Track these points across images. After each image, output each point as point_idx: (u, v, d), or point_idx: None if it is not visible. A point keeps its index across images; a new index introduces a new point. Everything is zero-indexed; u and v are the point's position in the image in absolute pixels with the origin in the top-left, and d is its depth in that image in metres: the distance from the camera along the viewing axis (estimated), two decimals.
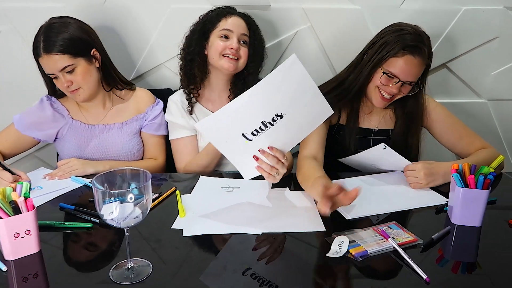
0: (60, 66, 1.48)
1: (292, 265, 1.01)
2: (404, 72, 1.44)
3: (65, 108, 1.67)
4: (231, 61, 1.59)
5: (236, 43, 1.58)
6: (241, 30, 1.60)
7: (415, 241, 1.07)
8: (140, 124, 1.69)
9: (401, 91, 1.49)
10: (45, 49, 1.47)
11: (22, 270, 0.99)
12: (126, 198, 0.88)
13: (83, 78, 1.53)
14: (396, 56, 1.44)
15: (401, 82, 1.45)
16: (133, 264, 0.98)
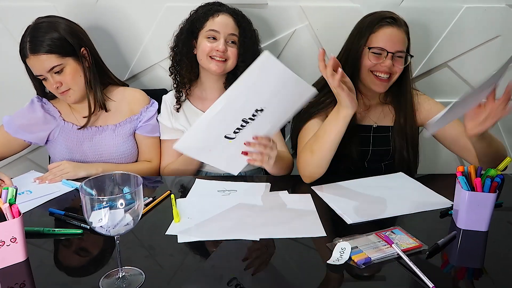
0: (48, 66, 1.43)
1: (291, 273, 0.96)
2: (388, 41, 1.44)
3: (57, 109, 1.61)
4: (218, 63, 1.55)
5: (223, 45, 1.53)
6: (229, 29, 1.54)
7: (420, 247, 1.02)
8: (134, 125, 1.64)
9: (394, 65, 1.45)
10: (31, 49, 1.42)
11: (7, 280, 0.94)
12: (116, 204, 0.84)
13: (72, 78, 1.48)
14: (375, 32, 1.45)
15: (390, 54, 1.43)
16: (125, 273, 0.93)
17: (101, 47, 1.63)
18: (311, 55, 1.91)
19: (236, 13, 1.58)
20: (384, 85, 1.48)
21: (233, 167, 1.26)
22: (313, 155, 1.33)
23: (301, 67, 1.93)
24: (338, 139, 1.31)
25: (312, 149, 1.34)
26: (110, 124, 1.62)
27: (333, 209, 1.21)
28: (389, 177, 1.42)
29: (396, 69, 1.46)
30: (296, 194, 1.31)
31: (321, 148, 1.32)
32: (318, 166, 1.34)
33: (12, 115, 1.60)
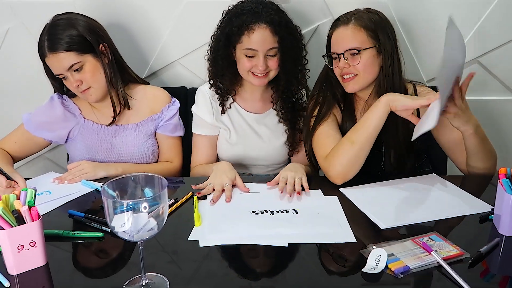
0: (67, 64, 1.40)
1: (323, 281, 0.91)
2: (336, 45, 1.40)
3: (77, 107, 1.58)
4: (260, 79, 1.48)
5: (262, 63, 1.43)
6: (267, 45, 1.43)
7: (461, 254, 0.95)
8: (155, 125, 1.59)
9: (351, 64, 1.37)
10: (50, 48, 1.39)
11: (27, 285, 0.90)
12: (139, 207, 0.79)
13: (92, 75, 1.44)
14: (330, 38, 1.44)
15: (341, 55, 1.37)
16: (148, 280, 0.88)
17: (119, 44, 1.59)
18: None
19: (272, 20, 1.42)
20: (350, 84, 1.40)
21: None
22: (353, 145, 1.29)
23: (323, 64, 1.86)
24: (379, 127, 1.29)
25: (352, 140, 1.30)
26: (131, 123, 1.58)
27: (365, 213, 1.15)
28: (420, 178, 1.34)
29: (356, 67, 1.37)
30: (323, 197, 1.25)
31: (361, 137, 1.29)
32: (356, 158, 1.29)
33: (32, 113, 1.57)
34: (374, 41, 1.37)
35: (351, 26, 1.37)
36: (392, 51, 1.38)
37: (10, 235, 0.89)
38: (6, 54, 1.85)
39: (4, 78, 1.89)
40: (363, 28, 1.37)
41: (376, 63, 1.39)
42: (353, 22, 1.38)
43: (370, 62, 1.37)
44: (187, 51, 1.84)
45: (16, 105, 1.91)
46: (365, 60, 1.36)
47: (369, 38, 1.36)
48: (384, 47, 1.37)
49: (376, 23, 1.38)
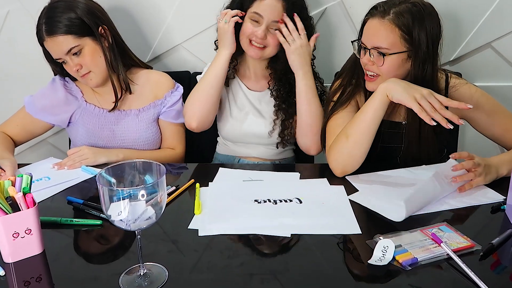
0: (66, 48, 1.36)
1: (327, 273, 0.87)
2: (366, 37, 1.27)
3: (79, 89, 1.54)
4: (255, 49, 1.44)
5: (262, 32, 1.40)
6: (273, 16, 1.39)
7: (472, 246, 0.91)
8: (158, 111, 1.55)
9: (375, 63, 1.26)
10: (47, 31, 1.35)
11: (23, 274, 0.88)
12: (137, 195, 0.76)
13: (92, 59, 1.40)
14: (363, 25, 1.29)
15: (367, 50, 1.26)
16: (146, 270, 0.85)
17: (121, 28, 1.54)
18: (342, 35, 1.78)
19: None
20: (371, 83, 1.31)
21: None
22: (348, 139, 1.22)
23: (332, 48, 1.81)
24: (377, 118, 1.21)
25: (347, 133, 1.23)
26: (133, 108, 1.54)
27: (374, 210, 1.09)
28: (431, 167, 1.29)
29: (379, 69, 1.26)
30: (328, 186, 1.21)
31: (356, 131, 1.22)
32: (352, 153, 1.23)
33: (33, 95, 1.54)
34: (407, 44, 1.22)
35: (387, 21, 1.22)
36: (426, 57, 1.24)
37: (4, 222, 0.87)
38: (6, 36, 1.82)
39: (5, 61, 1.86)
40: (399, 27, 1.21)
41: (404, 67, 1.27)
42: (390, 17, 1.22)
43: (396, 67, 1.25)
44: (190, 35, 1.80)
45: (17, 88, 1.89)
46: (390, 63, 1.24)
47: (402, 40, 1.22)
48: (416, 52, 1.23)
49: (417, 21, 1.21)
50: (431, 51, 1.24)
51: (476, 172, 1.15)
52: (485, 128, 1.37)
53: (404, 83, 1.19)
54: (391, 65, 1.25)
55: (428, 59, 1.24)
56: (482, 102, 1.34)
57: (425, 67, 1.25)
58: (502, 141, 1.37)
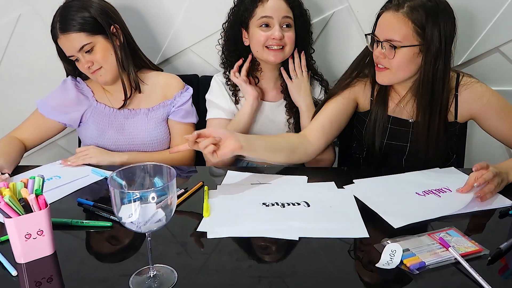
0: (78, 45, 1.40)
1: (335, 277, 0.88)
2: (378, 29, 1.28)
3: (90, 89, 1.57)
4: (276, 53, 1.46)
5: (279, 31, 1.42)
6: (282, 12, 1.43)
7: (480, 251, 0.91)
8: (167, 110, 1.57)
9: (386, 56, 1.26)
10: (61, 29, 1.39)
11: (35, 274, 0.89)
12: (147, 197, 0.77)
13: (103, 56, 1.43)
14: (377, 18, 1.31)
15: (379, 42, 1.26)
16: (156, 271, 0.86)
17: (131, 30, 1.56)
18: (350, 40, 1.79)
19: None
20: (380, 75, 1.31)
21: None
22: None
23: (340, 53, 1.82)
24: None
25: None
26: (143, 108, 1.56)
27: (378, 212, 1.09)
28: (438, 171, 1.30)
29: (389, 61, 1.27)
30: (336, 189, 1.21)
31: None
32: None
33: (45, 97, 1.57)
34: (420, 38, 1.22)
35: (400, 14, 1.22)
36: (438, 53, 1.23)
37: (17, 223, 0.88)
38: (18, 39, 1.84)
39: (16, 64, 1.89)
40: (412, 21, 1.21)
41: (415, 62, 1.26)
42: (404, 10, 1.22)
43: (406, 61, 1.25)
44: (199, 38, 1.81)
45: (28, 91, 1.91)
46: (401, 56, 1.24)
47: (415, 34, 1.22)
48: (428, 47, 1.22)
49: (431, 16, 1.21)
50: (443, 48, 1.23)
51: (493, 182, 1.13)
52: (494, 128, 1.36)
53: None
54: (402, 58, 1.25)
55: (440, 56, 1.24)
56: (492, 102, 1.33)
57: (436, 63, 1.24)
58: (510, 142, 1.36)
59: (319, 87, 1.61)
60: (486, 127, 1.37)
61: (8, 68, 1.89)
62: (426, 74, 1.26)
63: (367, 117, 1.42)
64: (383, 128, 1.39)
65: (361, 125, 1.45)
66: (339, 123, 1.41)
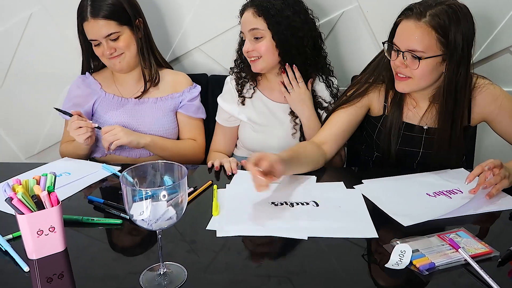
0: (106, 32, 1.45)
1: (343, 277, 0.88)
2: (399, 38, 1.24)
3: (97, 81, 1.61)
4: (253, 63, 1.48)
5: (248, 45, 1.45)
6: (248, 25, 1.44)
7: (490, 252, 0.91)
8: (175, 102, 1.60)
9: (408, 66, 1.23)
10: (92, 13, 1.43)
11: (46, 270, 0.90)
12: (158, 195, 0.78)
13: (126, 45, 1.50)
14: (396, 26, 1.26)
15: (401, 52, 1.23)
16: (166, 269, 0.87)
17: None
18: (359, 39, 1.79)
19: (259, 2, 1.42)
20: (401, 84, 1.28)
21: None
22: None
23: (350, 53, 1.81)
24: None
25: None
26: (151, 97, 1.60)
27: (386, 212, 1.09)
28: (449, 172, 1.29)
29: (412, 71, 1.23)
30: (345, 189, 1.21)
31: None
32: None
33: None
34: (443, 47, 1.20)
35: (423, 24, 1.19)
36: (461, 60, 1.21)
37: (29, 220, 0.89)
38: (29, 38, 1.86)
39: (27, 62, 1.90)
40: (435, 30, 1.19)
41: (438, 71, 1.25)
42: (426, 19, 1.19)
43: (430, 70, 1.23)
44: (208, 38, 1.82)
45: (38, 88, 1.93)
46: (425, 67, 1.22)
47: (438, 43, 1.20)
48: (452, 55, 1.20)
49: (454, 23, 1.19)
50: (465, 53, 1.22)
51: (500, 173, 1.11)
52: (505, 130, 1.36)
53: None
54: (425, 69, 1.23)
55: (463, 62, 1.23)
56: (505, 104, 1.33)
57: (459, 70, 1.23)
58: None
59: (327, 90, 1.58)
60: (498, 129, 1.37)
61: (19, 66, 1.91)
62: (450, 82, 1.24)
63: (379, 121, 1.42)
64: (398, 134, 1.38)
65: (372, 129, 1.45)
66: (351, 130, 1.42)
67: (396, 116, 1.37)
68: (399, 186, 1.22)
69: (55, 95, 1.87)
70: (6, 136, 2.05)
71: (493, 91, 1.34)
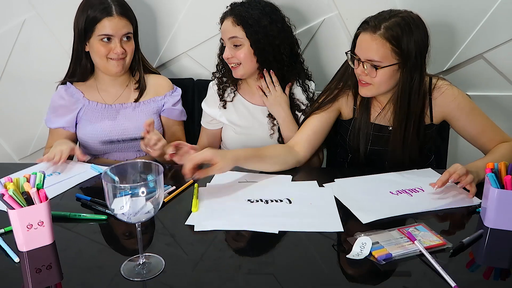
0: (125, 31, 1.55)
1: (309, 266, 0.96)
2: (358, 49, 1.35)
3: (79, 90, 1.66)
4: (234, 70, 1.57)
5: (227, 52, 1.54)
6: (228, 34, 1.52)
7: (444, 244, 0.99)
8: (158, 106, 1.68)
9: (368, 74, 1.34)
10: (118, 12, 1.53)
11: (35, 262, 0.98)
12: (138, 192, 0.85)
13: (132, 49, 1.59)
14: (357, 36, 1.37)
15: (361, 62, 1.34)
16: (145, 260, 0.95)
17: None
18: (339, 45, 1.87)
19: (238, 12, 1.50)
20: (363, 89, 1.39)
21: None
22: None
23: (331, 57, 1.89)
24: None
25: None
26: (133, 102, 1.67)
27: (349, 208, 1.17)
28: (414, 173, 1.37)
29: (371, 79, 1.35)
30: (318, 188, 1.29)
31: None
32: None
33: (47, 113, 1.67)
34: (398, 56, 1.31)
35: (378, 36, 1.30)
36: (415, 67, 1.33)
37: (19, 214, 0.97)
38: (22, 44, 1.93)
39: (21, 66, 1.97)
40: (389, 41, 1.29)
41: (395, 77, 1.35)
42: (381, 31, 1.30)
43: (387, 77, 1.34)
44: (195, 43, 1.89)
45: (31, 94, 2.00)
46: (382, 75, 1.33)
47: (393, 53, 1.30)
48: (405, 63, 1.32)
49: (406, 34, 1.29)
50: (419, 60, 1.33)
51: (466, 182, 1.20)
52: (462, 129, 1.45)
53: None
54: (383, 76, 1.34)
55: (417, 69, 1.33)
56: (463, 104, 1.43)
57: (413, 77, 1.34)
58: (476, 142, 1.44)
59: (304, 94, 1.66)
60: (457, 128, 1.46)
61: (13, 69, 1.98)
62: (404, 87, 1.35)
63: (350, 124, 1.51)
64: (366, 135, 1.47)
65: (344, 133, 1.54)
66: (323, 133, 1.50)
67: (364, 118, 1.46)
68: (366, 184, 1.30)
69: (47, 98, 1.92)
70: (0, 138, 2.11)
71: (451, 91, 1.43)
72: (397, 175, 1.35)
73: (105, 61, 1.56)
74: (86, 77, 1.65)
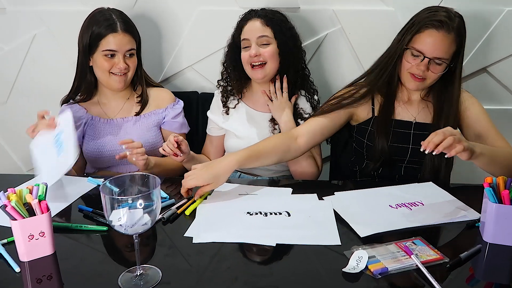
0: (129, 47, 1.59)
1: (305, 279, 0.96)
2: (427, 46, 1.38)
3: (82, 107, 1.70)
4: (257, 70, 1.58)
5: (255, 50, 1.55)
6: (257, 33, 1.55)
7: (441, 259, 0.99)
8: (158, 118, 1.71)
9: (430, 70, 1.40)
10: (123, 28, 1.58)
11: (36, 272, 0.99)
12: (135, 204, 0.87)
13: (135, 65, 1.64)
14: (420, 33, 1.39)
15: (427, 59, 1.38)
16: (143, 271, 0.96)
17: None
18: (343, 59, 1.89)
19: (264, 14, 1.57)
20: (416, 84, 1.44)
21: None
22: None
23: (333, 71, 1.91)
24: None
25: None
26: (133, 115, 1.70)
27: (347, 221, 1.17)
28: (417, 186, 1.37)
29: (430, 74, 1.41)
30: (317, 201, 1.29)
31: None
32: None
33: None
34: (456, 54, 1.42)
35: (452, 36, 1.38)
36: (462, 61, 1.45)
37: (21, 225, 0.99)
38: (32, 58, 1.98)
39: (31, 79, 2.02)
40: (457, 41, 1.39)
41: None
42: (455, 32, 1.38)
43: (441, 74, 1.42)
44: (201, 57, 1.93)
45: (40, 104, 2.00)
46: (441, 71, 1.41)
47: (455, 52, 1.41)
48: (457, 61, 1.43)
49: (464, 33, 1.42)
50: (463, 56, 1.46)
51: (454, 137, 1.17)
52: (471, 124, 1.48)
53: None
54: (440, 73, 1.42)
55: (461, 64, 1.46)
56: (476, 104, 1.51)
57: (461, 73, 1.47)
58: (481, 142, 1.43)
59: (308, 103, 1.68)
60: (464, 123, 1.50)
61: (23, 83, 2.03)
62: (456, 82, 1.45)
63: (369, 124, 1.53)
64: (386, 131, 1.49)
65: (362, 135, 1.55)
66: (328, 132, 1.53)
67: (386, 115, 1.49)
68: (366, 198, 1.30)
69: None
70: (9, 149, 2.16)
71: (466, 93, 1.51)
72: (398, 189, 1.35)
73: (108, 75, 1.60)
74: (91, 94, 1.68)
